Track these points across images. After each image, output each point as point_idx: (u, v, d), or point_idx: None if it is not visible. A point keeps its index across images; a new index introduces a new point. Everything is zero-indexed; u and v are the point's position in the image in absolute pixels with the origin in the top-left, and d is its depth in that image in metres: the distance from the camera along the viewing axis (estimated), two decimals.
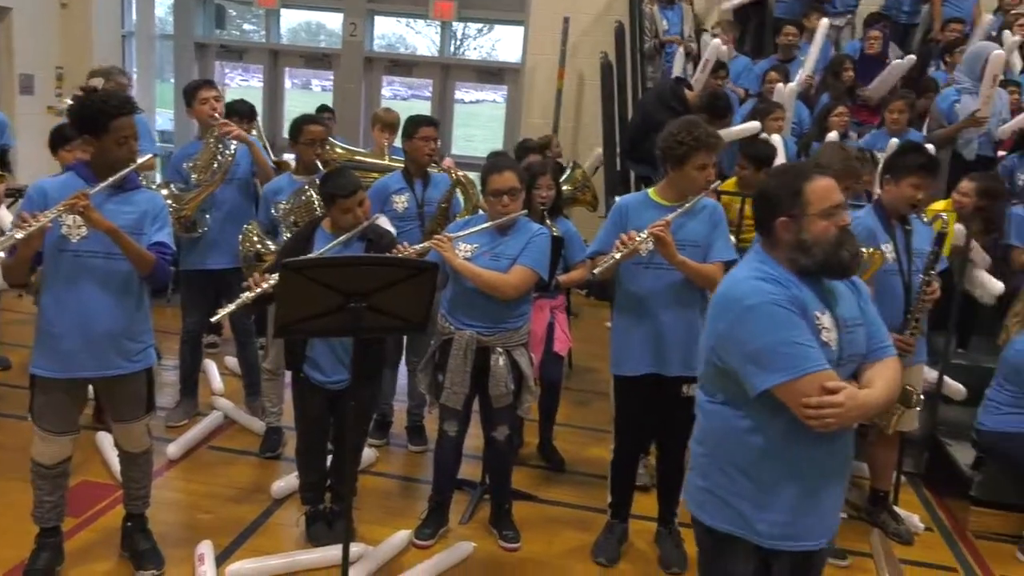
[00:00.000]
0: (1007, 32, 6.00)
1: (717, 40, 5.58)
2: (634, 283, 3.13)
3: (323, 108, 6.03)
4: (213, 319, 2.87)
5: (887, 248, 3.34)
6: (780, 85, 5.51)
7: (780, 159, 4.85)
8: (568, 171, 4.78)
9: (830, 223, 1.95)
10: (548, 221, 3.78)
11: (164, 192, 3.94)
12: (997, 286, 4.25)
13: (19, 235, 2.49)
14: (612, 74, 5.34)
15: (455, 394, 3.23)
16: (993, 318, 3.95)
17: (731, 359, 1.95)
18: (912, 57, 5.76)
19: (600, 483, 3.89)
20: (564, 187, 4.41)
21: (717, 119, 4.95)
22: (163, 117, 9.71)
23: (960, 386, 4.21)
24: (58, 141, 3.92)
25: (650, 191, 3.18)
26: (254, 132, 4.85)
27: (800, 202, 1.96)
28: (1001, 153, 5.54)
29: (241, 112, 4.85)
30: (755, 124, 5.10)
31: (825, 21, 6.01)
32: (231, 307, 2.83)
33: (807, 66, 6.00)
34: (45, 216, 2.54)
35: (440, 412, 3.34)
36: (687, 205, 3.03)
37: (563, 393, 4.30)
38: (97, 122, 2.68)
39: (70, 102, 4.26)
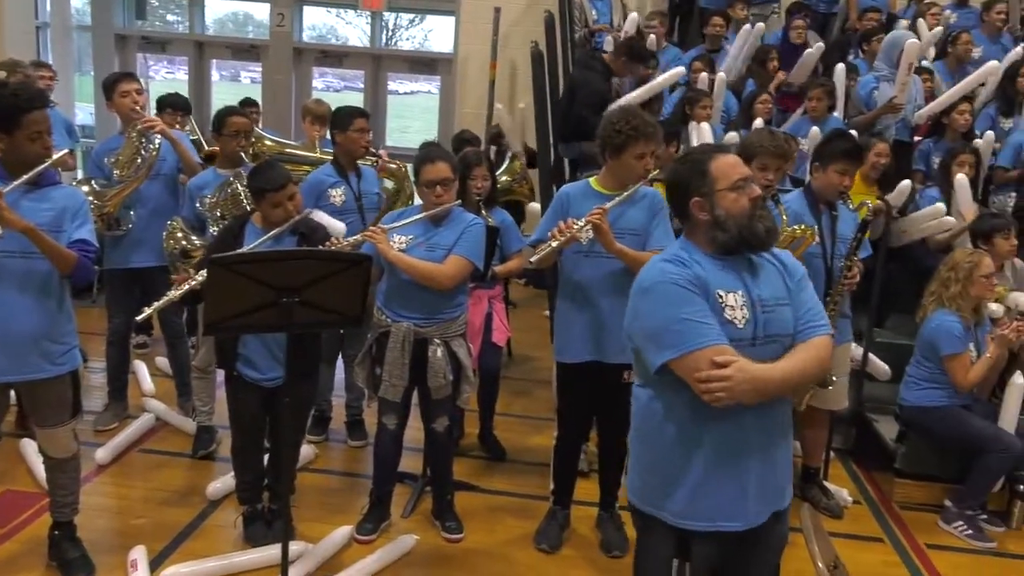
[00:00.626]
0: (921, 20, 6.22)
1: (635, 14, 5.61)
2: (575, 271, 3.16)
3: (247, 101, 5.89)
4: (138, 318, 2.79)
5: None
6: (720, 76, 5.59)
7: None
8: (506, 162, 4.79)
9: (740, 195, 1.99)
10: (484, 212, 3.78)
11: (85, 188, 3.81)
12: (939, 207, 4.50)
13: None
14: (543, 64, 5.35)
15: (393, 387, 3.21)
16: (909, 298, 4.11)
17: (636, 340, 2.02)
18: (821, 45, 5.92)
19: (541, 471, 3.93)
20: (501, 178, 4.42)
21: (637, 61, 5.16)
22: (83, 111, 9.35)
23: (884, 365, 4.37)
24: None
25: (591, 180, 3.20)
26: (188, 127, 4.73)
27: (708, 180, 2.00)
28: (917, 139, 5.76)
29: (175, 106, 4.72)
30: (679, 70, 5.32)
31: (747, 27, 6.15)
32: (157, 305, 2.75)
33: (728, 61, 6.14)
34: None
35: (379, 406, 3.32)
36: (625, 194, 3.06)
37: (503, 383, 4.32)
38: (8, 117, 2.56)
39: None
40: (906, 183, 4.69)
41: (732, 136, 4.92)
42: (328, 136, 4.56)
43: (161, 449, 4.02)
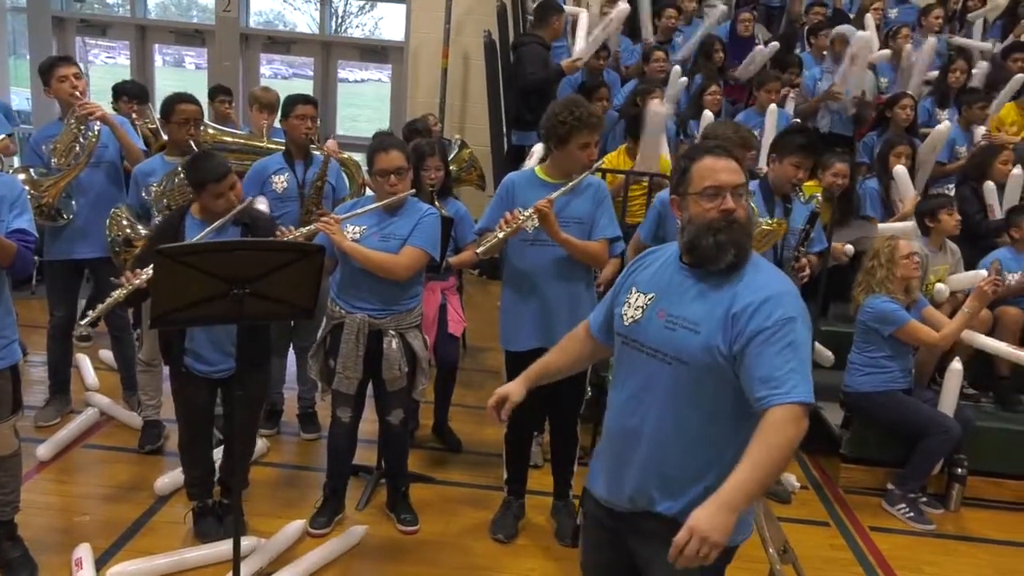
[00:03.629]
0: (868, 16, 6.37)
1: (625, 6, 5.67)
2: (520, 260, 3.18)
3: (219, 89, 5.70)
4: (83, 323, 2.71)
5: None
6: (676, 69, 5.64)
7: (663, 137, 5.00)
8: (455, 150, 4.76)
9: (710, 206, 1.82)
10: (437, 202, 3.75)
11: (22, 177, 3.68)
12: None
13: None
14: (496, 53, 5.35)
15: (348, 379, 3.18)
16: (847, 287, 4.23)
17: None
18: (776, 44, 6.04)
19: (496, 462, 3.92)
20: (451, 166, 4.38)
21: (551, 13, 5.44)
22: (19, 96, 9.01)
23: (829, 352, 4.49)
24: None
25: (536, 169, 3.22)
26: (148, 116, 4.60)
27: (686, 180, 1.89)
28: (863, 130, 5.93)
29: (131, 93, 4.58)
30: (624, 7, 5.49)
31: (706, 20, 6.26)
32: (101, 308, 2.67)
33: (683, 49, 6.22)
34: None
35: (333, 398, 3.28)
36: (571, 183, 3.08)
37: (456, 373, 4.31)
38: None
39: None
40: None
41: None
42: (276, 124, 4.50)
43: (106, 444, 3.92)
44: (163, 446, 3.87)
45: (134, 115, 4.53)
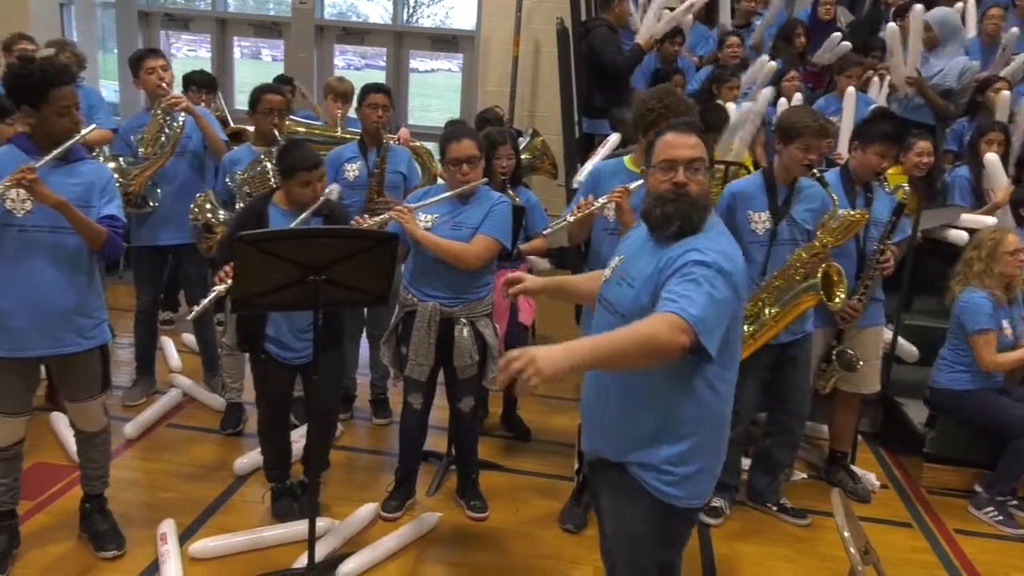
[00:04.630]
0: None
1: None
2: (601, 248, 3.15)
3: (282, 79, 5.83)
4: (190, 317, 2.81)
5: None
6: (764, 57, 5.49)
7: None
8: (527, 139, 4.75)
9: (663, 178, 1.98)
10: (510, 191, 3.75)
11: (112, 165, 3.83)
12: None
13: None
14: (568, 40, 5.30)
15: (419, 366, 3.21)
16: (938, 280, 4.05)
17: None
18: (848, 44, 5.80)
19: (565, 451, 3.93)
20: (523, 155, 4.38)
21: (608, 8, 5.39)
22: (108, 88, 9.37)
23: (913, 347, 4.31)
24: None
25: (626, 158, 3.17)
26: (213, 105, 4.72)
27: (651, 153, 2.06)
28: None
29: (200, 83, 4.70)
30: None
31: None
32: (205, 302, 2.75)
33: (758, 30, 6.04)
34: None
35: (404, 384, 3.32)
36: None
37: None
38: (36, 92, 2.56)
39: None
40: None
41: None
42: (351, 114, 4.57)
43: (189, 424, 4.05)
44: (243, 428, 3.98)
45: (203, 103, 4.65)
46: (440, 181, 3.67)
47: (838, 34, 5.81)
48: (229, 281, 2.71)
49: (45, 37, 5.89)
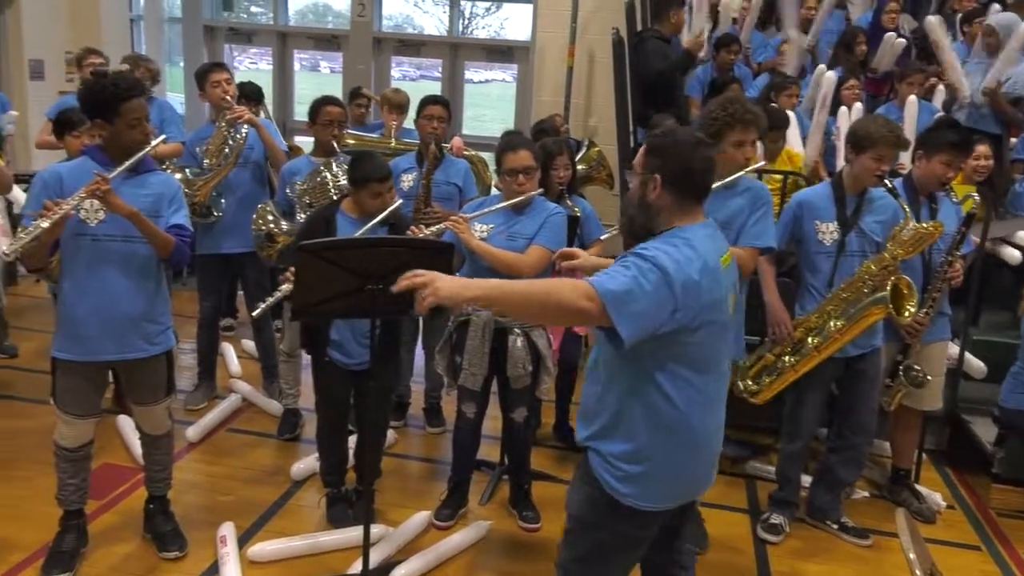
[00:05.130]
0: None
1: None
2: None
3: (356, 92, 5.93)
4: (255, 314, 2.87)
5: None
6: (821, 67, 5.40)
7: (795, 134, 4.80)
8: (584, 149, 4.74)
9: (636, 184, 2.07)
10: (569, 201, 3.75)
11: (179, 176, 3.94)
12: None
13: (45, 224, 2.48)
14: (624, 50, 5.28)
15: (473, 376, 3.22)
16: (1007, 294, 3.91)
17: None
18: (902, 41, 5.64)
19: None
20: (579, 166, 4.37)
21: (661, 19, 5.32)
22: (174, 101, 9.67)
23: (981, 364, 4.17)
24: (64, 127, 3.89)
25: None
26: (262, 114, 4.83)
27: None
28: None
29: (248, 95, 4.82)
30: None
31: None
32: (270, 301, 2.81)
33: (812, 32, 5.93)
34: (68, 203, 2.53)
35: (458, 394, 3.34)
36: (717, 184, 2.99)
37: (578, 373, 4.29)
38: (109, 106, 2.66)
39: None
40: None
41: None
42: (408, 125, 4.63)
43: (247, 429, 4.14)
44: (300, 434, 4.05)
45: None
46: (495, 191, 3.69)
47: (892, 34, 5.67)
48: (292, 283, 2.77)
49: (116, 52, 6.13)
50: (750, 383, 3.40)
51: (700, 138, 2.04)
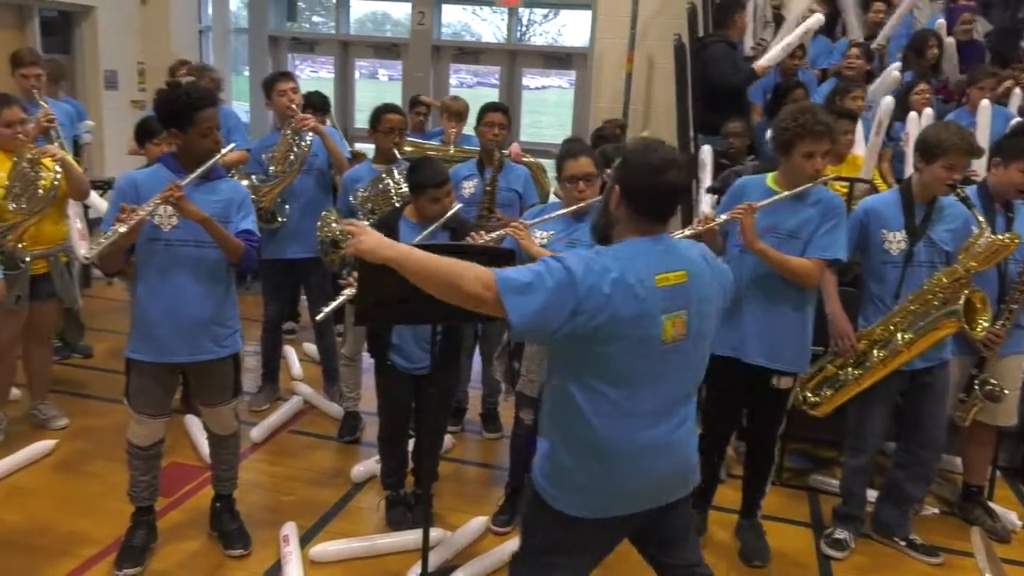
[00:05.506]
0: None
1: (819, 15, 5.42)
2: (735, 268, 3.10)
3: (416, 100, 6.03)
4: (318, 318, 2.92)
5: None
6: (894, 72, 5.28)
7: (860, 140, 4.68)
8: None
9: None
10: None
11: (245, 183, 4.03)
12: None
13: (122, 228, 2.58)
14: (685, 56, 5.24)
15: (531, 382, 3.22)
16: None
17: None
18: (951, 40, 5.45)
19: None
20: None
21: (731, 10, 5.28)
22: (238, 109, 9.93)
23: None
24: (145, 134, 4.03)
25: (769, 177, 3.09)
26: (328, 123, 4.93)
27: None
28: None
29: (315, 104, 4.91)
30: (818, 17, 5.23)
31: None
32: (334, 305, 2.87)
33: (881, 35, 5.79)
34: (144, 209, 2.62)
35: (516, 400, 3.34)
36: (784, 193, 2.96)
37: None
38: (182, 115, 2.74)
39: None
40: None
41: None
42: (467, 132, 4.66)
43: (309, 431, 4.21)
44: (360, 436, 4.10)
45: None
46: (554, 198, 3.69)
47: (949, 40, 5.50)
48: (354, 288, 2.81)
49: (179, 60, 6.30)
50: (810, 395, 3.33)
51: (672, 161, 1.96)
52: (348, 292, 2.88)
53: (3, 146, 3.59)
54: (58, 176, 3.59)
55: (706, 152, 4.67)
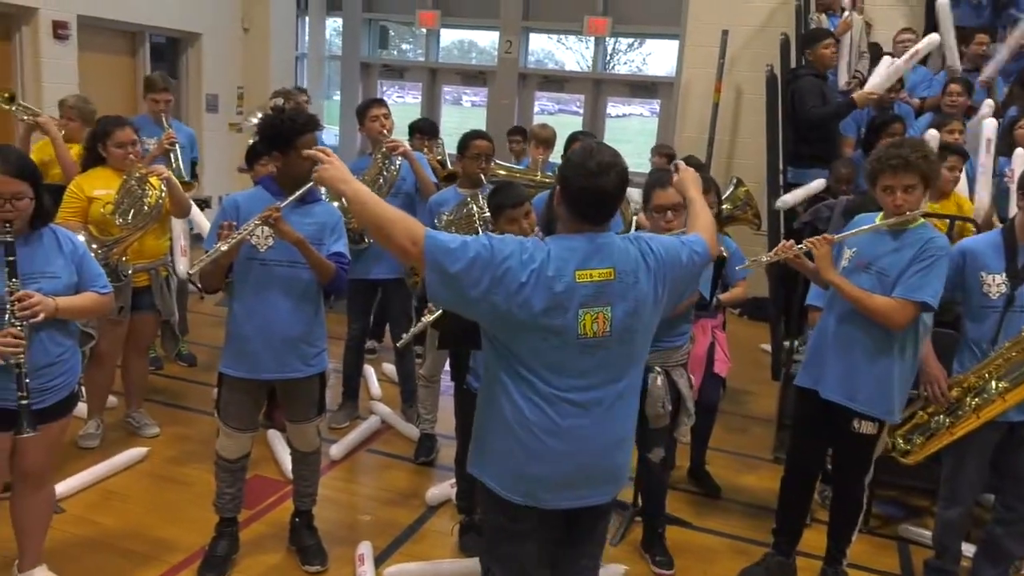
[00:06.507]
0: None
1: (935, 35, 5.28)
2: (831, 298, 3.03)
3: (515, 129, 6.16)
4: (399, 345, 2.97)
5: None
6: (987, 102, 5.09)
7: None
8: (731, 187, 4.64)
9: None
10: None
11: (336, 204, 4.14)
12: None
13: (223, 247, 2.69)
14: (777, 87, 5.15)
15: (658, 416, 3.18)
16: None
17: None
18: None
19: (754, 512, 3.76)
20: (723, 205, 4.28)
21: (817, 38, 5.19)
22: (329, 133, 10.27)
23: None
24: (254, 157, 4.19)
25: (881, 213, 3.02)
26: (436, 150, 5.03)
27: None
28: None
29: (424, 130, 5.03)
30: (933, 37, 5.18)
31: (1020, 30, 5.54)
32: (414, 330, 2.91)
33: (988, 70, 5.57)
34: (244, 229, 2.73)
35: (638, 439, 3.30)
36: (865, 227, 2.91)
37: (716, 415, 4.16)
38: (284, 139, 2.84)
39: (255, 120, 4.59)
40: None
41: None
42: (554, 159, 4.69)
43: (386, 451, 4.26)
44: (435, 459, 4.13)
45: (424, 149, 4.95)
46: (635, 228, 3.66)
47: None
48: (436, 312, 2.85)
49: (280, 86, 6.57)
50: (900, 442, 3.19)
51: (609, 166, 2.00)
52: (427, 319, 2.91)
53: (115, 165, 3.79)
54: (163, 194, 3.77)
55: (817, 185, 4.57)
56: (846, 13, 5.87)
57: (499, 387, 2.05)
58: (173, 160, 4.49)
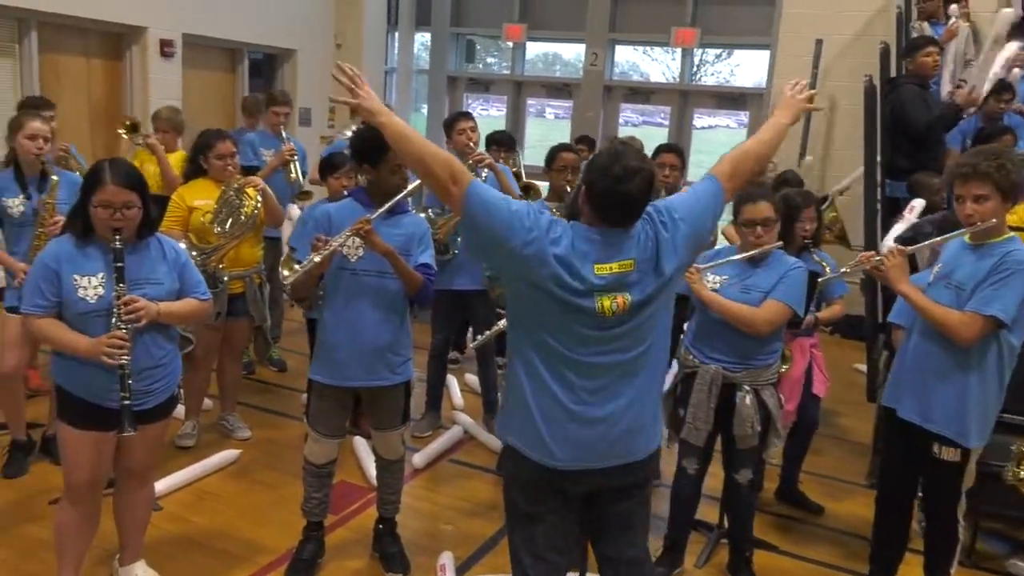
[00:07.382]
0: None
1: (1009, 10, 5.02)
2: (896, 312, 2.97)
3: (582, 139, 6.20)
4: (473, 346, 2.99)
5: None
6: None
7: None
8: (826, 205, 4.52)
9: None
10: (816, 256, 3.59)
11: (422, 216, 4.21)
12: None
13: (316, 258, 2.77)
14: (876, 97, 4.96)
15: (697, 430, 3.12)
16: None
17: None
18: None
19: (847, 540, 3.60)
20: None
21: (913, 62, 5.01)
22: None
23: None
24: (327, 169, 4.30)
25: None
26: (512, 160, 5.07)
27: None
28: None
29: (501, 142, 5.09)
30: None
31: None
32: (489, 333, 2.92)
33: None
34: (336, 240, 2.79)
35: (680, 448, 3.24)
36: (937, 238, 2.86)
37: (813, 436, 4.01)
38: (375, 153, 2.90)
39: (348, 134, 4.71)
40: None
41: None
42: None
43: (468, 461, 4.28)
44: None
45: (501, 160, 4.97)
46: (723, 242, 3.59)
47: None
48: None
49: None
50: (1019, 470, 3.00)
51: (635, 171, 2.01)
52: (501, 324, 2.92)
53: (215, 176, 3.95)
54: (258, 205, 3.90)
55: (917, 205, 4.39)
56: (952, 20, 5.61)
57: (518, 350, 2.14)
58: (293, 171, 4.66)
